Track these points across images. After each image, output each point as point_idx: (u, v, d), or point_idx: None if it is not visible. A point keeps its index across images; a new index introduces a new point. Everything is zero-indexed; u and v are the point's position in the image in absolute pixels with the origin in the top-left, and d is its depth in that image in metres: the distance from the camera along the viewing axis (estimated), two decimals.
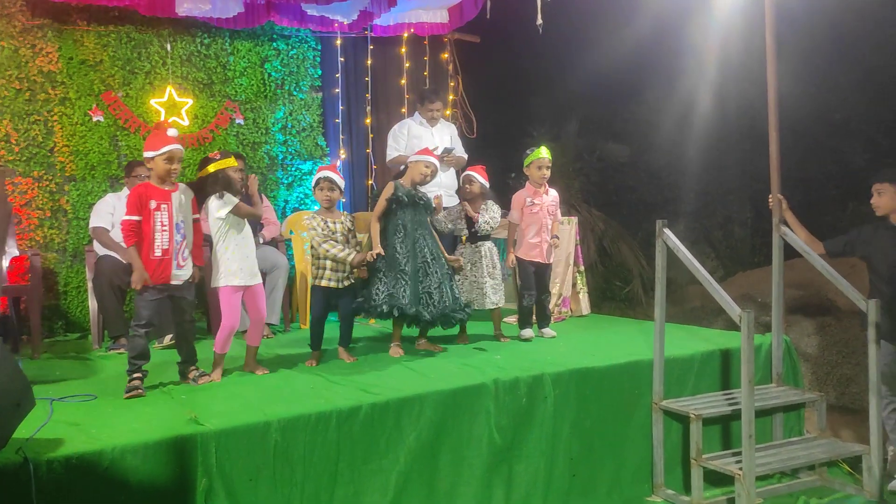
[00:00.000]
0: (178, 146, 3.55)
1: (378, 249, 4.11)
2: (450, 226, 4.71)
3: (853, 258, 4.45)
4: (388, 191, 4.26)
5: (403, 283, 4.09)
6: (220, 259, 3.78)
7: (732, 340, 4.31)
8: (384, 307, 4.04)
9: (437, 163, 4.41)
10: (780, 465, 3.85)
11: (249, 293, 3.88)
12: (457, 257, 4.45)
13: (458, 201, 4.90)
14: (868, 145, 7.88)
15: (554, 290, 5.29)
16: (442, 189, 5.19)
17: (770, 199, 4.33)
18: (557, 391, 3.72)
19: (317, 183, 4.13)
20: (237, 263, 3.77)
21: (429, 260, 4.19)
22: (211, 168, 3.75)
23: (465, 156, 5.63)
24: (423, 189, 4.43)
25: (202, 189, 3.77)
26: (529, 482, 3.62)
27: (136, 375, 3.45)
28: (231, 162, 3.80)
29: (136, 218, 3.47)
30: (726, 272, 7.92)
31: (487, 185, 4.72)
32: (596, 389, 3.86)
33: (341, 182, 4.15)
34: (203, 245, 3.76)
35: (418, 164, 4.31)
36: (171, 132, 3.53)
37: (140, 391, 3.41)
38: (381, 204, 4.25)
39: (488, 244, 4.69)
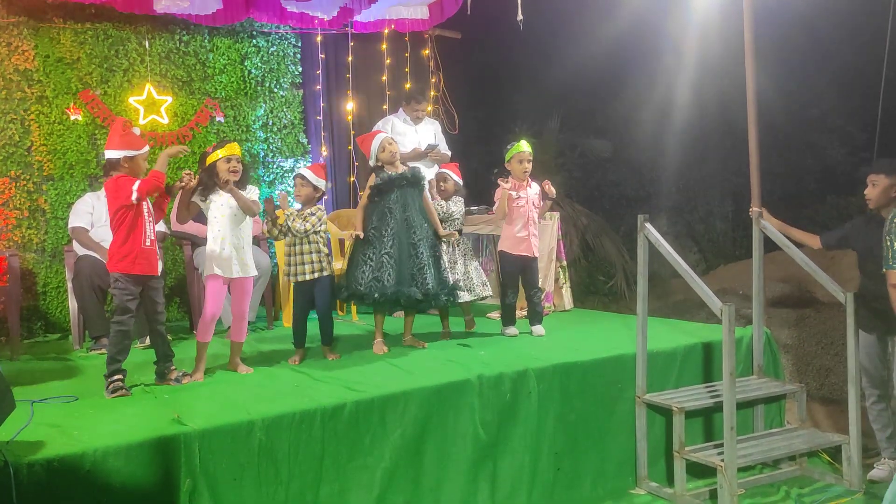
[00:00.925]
0: None
1: (359, 232, 4.20)
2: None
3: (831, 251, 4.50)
4: (370, 181, 4.32)
5: (389, 266, 4.13)
6: (210, 247, 3.79)
7: (714, 333, 4.35)
8: (367, 290, 4.09)
9: (387, 136, 4.36)
10: (762, 456, 3.90)
11: (237, 286, 3.87)
12: (450, 232, 4.52)
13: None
14: (846, 139, 7.98)
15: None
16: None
17: (751, 210, 4.36)
18: (541, 386, 3.74)
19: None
20: (228, 254, 3.77)
21: (416, 241, 4.23)
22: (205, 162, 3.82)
23: (449, 153, 5.64)
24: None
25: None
26: (514, 477, 3.63)
27: (116, 377, 3.42)
28: (216, 155, 3.79)
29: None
30: (708, 265, 8.00)
31: (461, 182, 4.81)
32: (580, 384, 3.88)
33: (314, 178, 4.12)
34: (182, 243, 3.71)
35: (380, 152, 4.29)
36: (136, 130, 3.61)
37: (124, 390, 3.39)
38: (366, 192, 4.32)
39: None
